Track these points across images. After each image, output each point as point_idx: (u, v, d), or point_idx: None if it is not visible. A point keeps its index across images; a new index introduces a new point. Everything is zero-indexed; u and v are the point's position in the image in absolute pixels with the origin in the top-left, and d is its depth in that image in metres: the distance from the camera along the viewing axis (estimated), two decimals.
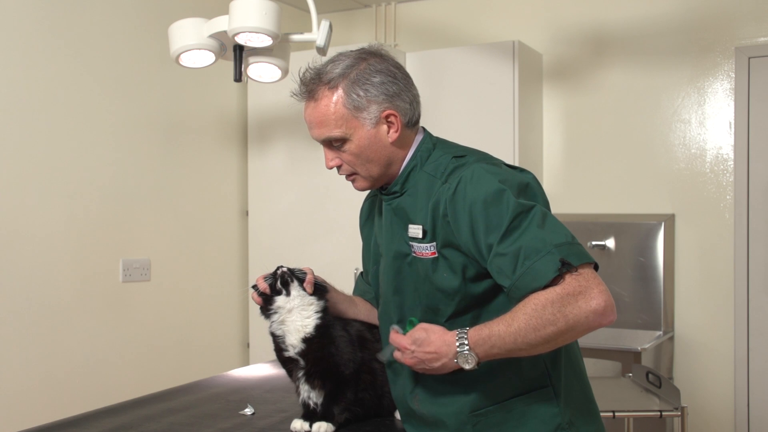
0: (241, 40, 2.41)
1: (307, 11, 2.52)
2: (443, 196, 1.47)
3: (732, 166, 3.56)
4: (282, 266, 1.68)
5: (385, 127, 1.54)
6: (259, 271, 3.98)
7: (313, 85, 1.53)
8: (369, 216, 1.75)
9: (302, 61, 3.87)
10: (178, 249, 3.55)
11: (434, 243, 1.49)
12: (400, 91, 1.54)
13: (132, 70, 3.30)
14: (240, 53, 2.51)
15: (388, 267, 1.60)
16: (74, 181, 3.06)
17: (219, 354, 3.80)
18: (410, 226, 1.54)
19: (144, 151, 3.36)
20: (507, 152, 3.62)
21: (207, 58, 2.56)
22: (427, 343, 1.43)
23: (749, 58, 3.52)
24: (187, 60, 2.55)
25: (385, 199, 1.62)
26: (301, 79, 1.56)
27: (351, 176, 1.59)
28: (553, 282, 1.36)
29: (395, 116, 1.53)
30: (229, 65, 2.56)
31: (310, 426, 1.66)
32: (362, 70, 1.52)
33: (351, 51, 1.57)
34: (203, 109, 3.70)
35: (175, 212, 3.54)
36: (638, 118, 3.76)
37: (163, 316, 3.46)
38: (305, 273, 1.67)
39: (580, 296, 1.35)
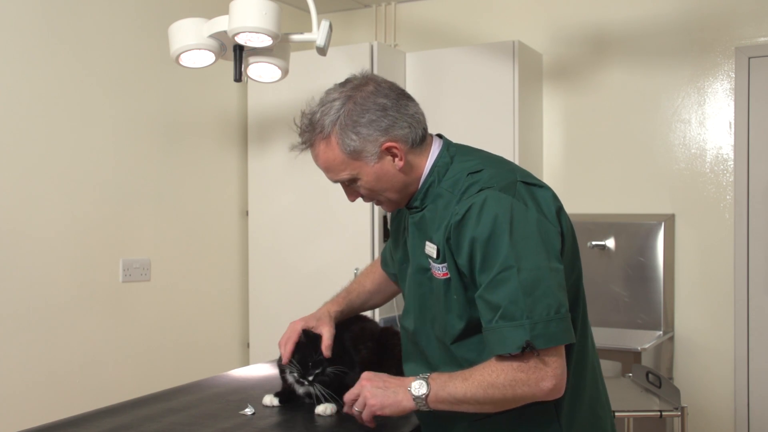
0: (241, 40, 2.41)
1: (307, 11, 2.52)
2: (452, 220, 1.45)
3: (732, 166, 3.56)
4: (307, 377, 1.73)
5: (389, 157, 1.53)
6: (260, 270, 3.98)
7: (308, 135, 1.55)
8: (401, 211, 1.75)
9: (302, 61, 3.86)
10: (178, 249, 3.55)
11: (446, 264, 1.49)
12: (395, 120, 1.51)
13: (132, 70, 3.30)
14: (240, 53, 2.51)
15: (411, 278, 1.61)
16: (74, 181, 3.06)
17: (219, 354, 3.80)
18: (427, 243, 1.54)
19: (144, 151, 3.36)
20: (507, 152, 3.61)
21: (207, 58, 2.56)
22: (379, 396, 1.48)
23: (749, 58, 3.52)
24: (187, 60, 2.55)
25: (409, 212, 1.62)
26: (298, 127, 1.58)
27: (377, 203, 1.62)
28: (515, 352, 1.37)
29: (396, 147, 1.52)
30: (229, 65, 2.56)
31: (279, 402, 1.78)
32: (350, 113, 1.50)
33: (338, 88, 1.55)
34: (203, 109, 3.70)
35: (175, 212, 3.54)
36: (638, 118, 3.76)
37: (163, 316, 3.46)
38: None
39: (533, 380, 1.38)
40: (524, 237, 1.39)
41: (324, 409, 1.72)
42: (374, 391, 1.49)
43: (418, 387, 1.45)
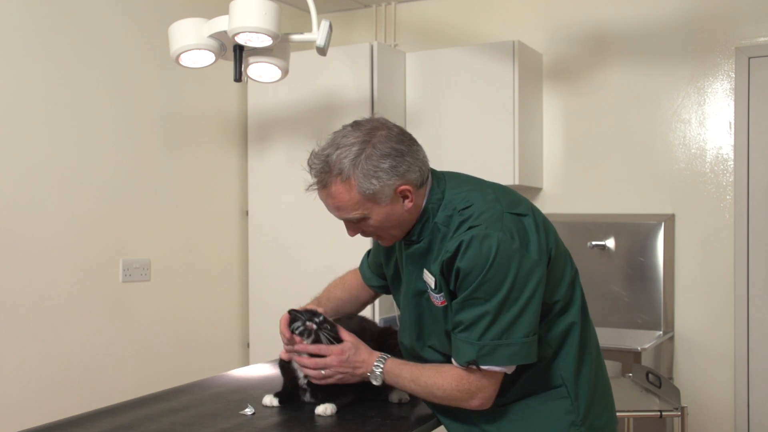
0: (241, 40, 2.42)
1: (307, 11, 2.53)
2: (444, 257, 1.58)
3: (732, 166, 3.56)
4: (318, 317, 1.75)
5: (400, 199, 1.62)
6: (260, 271, 3.99)
7: (324, 176, 1.61)
8: None
9: (302, 61, 3.84)
10: (178, 249, 3.55)
11: (443, 293, 1.63)
12: (410, 165, 1.60)
13: (132, 70, 3.30)
14: (240, 53, 2.51)
15: (408, 301, 1.75)
16: (74, 181, 3.06)
17: (219, 354, 3.80)
18: (426, 272, 1.67)
19: (144, 150, 3.36)
20: (507, 152, 3.62)
21: (207, 58, 2.56)
22: (359, 353, 1.71)
23: (749, 58, 3.52)
24: (187, 60, 2.56)
25: (404, 244, 1.73)
26: (310, 165, 1.63)
27: (376, 237, 1.73)
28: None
29: (409, 190, 1.61)
30: (229, 65, 2.56)
31: (279, 402, 1.79)
32: (370, 157, 1.57)
33: (353, 131, 1.60)
34: (203, 109, 3.70)
35: (175, 212, 3.54)
36: (638, 118, 3.76)
37: (163, 316, 3.46)
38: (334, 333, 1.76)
39: (464, 398, 1.62)
40: (499, 272, 1.53)
41: (324, 409, 1.73)
42: (341, 371, 1.71)
43: (376, 380, 1.71)
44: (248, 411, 1.76)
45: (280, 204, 3.82)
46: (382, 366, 1.69)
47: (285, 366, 1.82)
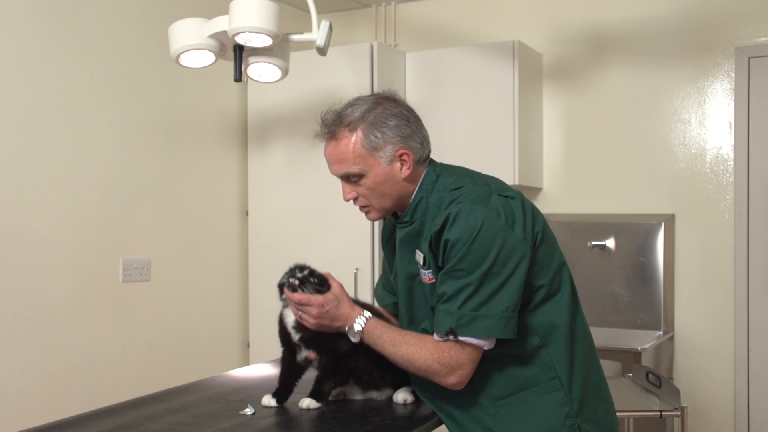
0: (241, 40, 2.42)
1: (307, 11, 2.53)
2: (433, 230, 1.66)
3: (732, 166, 3.56)
4: (303, 271, 1.82)
5: (398, 164, 1.72)
6: (260, 270, 3.98)
7: (334, 126, 1.72)
8: (392, 234, 1.92)
9: (302, 61, 3.84)
10: (178, 249, 3.55)
11: (431, 270, 1.69)
12: (413, 132, 1.72)
13: (132, 70, 3.30)
14: (240, 53, 2.51)
15: (402, 287, 1.80)
16: (74, 181, 3.06)
17: (219, 354, 3.80)
18: (417, 252, 1.73)
19: (144, 150, 3.37)
20: (507, 152, 3.62)
21: (207, 58, 2.56)
22: (340, 307, 1.72)
23: (749, 58, 3.52)
24: (187, 60, 2.56)
25: (398, 226, 1.80)
26: (322, 119, 1.74)
27: (365, 208, 1.79)
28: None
29: (408, 155, 1.71)
30: (229, 65, 2.56)
31: (278, 402, 1.80)
32: (379, 114, 1.70)
33: (368, 96, 1.75)
34: (203, 109, 3.70)
35: (175, 212, 3.54)
36: (638, 118, 3.76)
37: (163, 316, 3.46)
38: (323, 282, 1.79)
39: (443, 373, 1.65)
40: (484, 245, 1.59)
41: (304, 403, 1.76)
42: (320, 322, 1.73)
43: (353, 336, 1.72)
44: (248, 411, 1.76)
45: (280, 204, 3.82)
46: (363, 324, 1.71)
47: (281, 328, 1.86)
